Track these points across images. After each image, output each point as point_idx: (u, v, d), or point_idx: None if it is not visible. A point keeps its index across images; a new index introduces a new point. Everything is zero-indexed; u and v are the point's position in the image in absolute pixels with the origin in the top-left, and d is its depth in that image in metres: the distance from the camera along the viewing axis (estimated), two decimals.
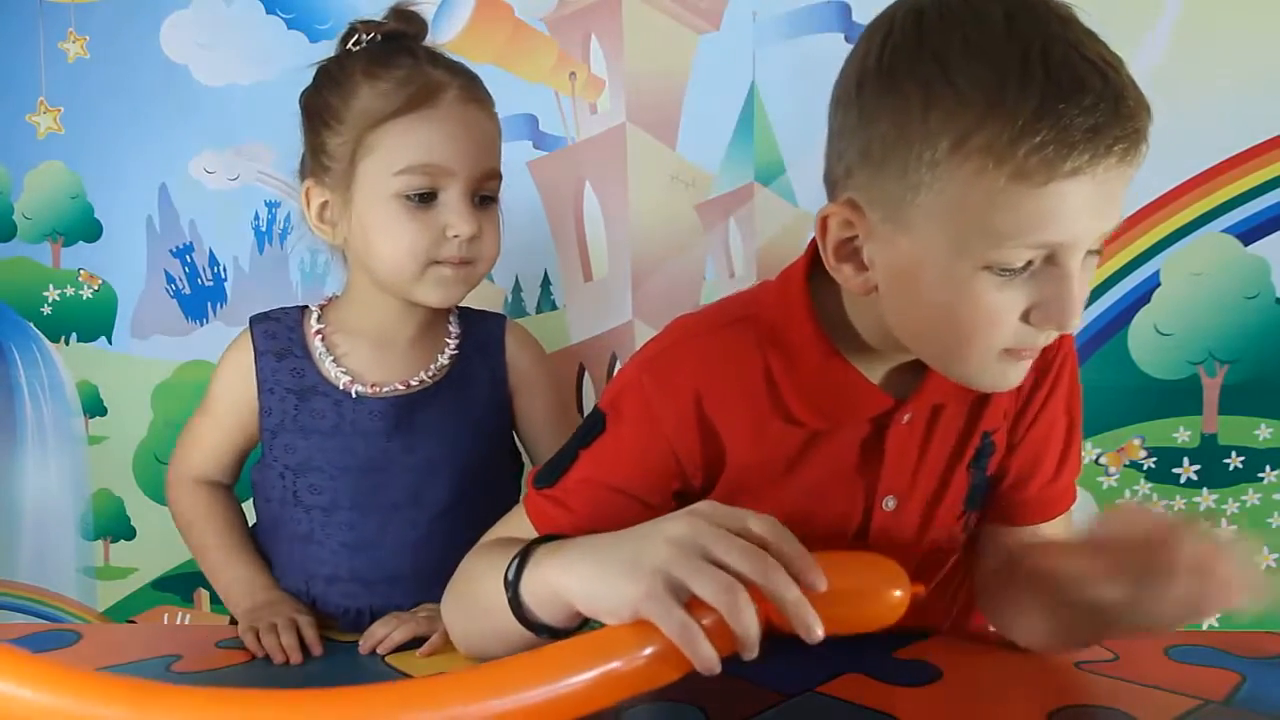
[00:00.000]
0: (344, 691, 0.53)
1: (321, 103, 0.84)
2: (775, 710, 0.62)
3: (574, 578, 0.57)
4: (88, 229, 1.29)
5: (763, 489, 0.71)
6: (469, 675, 0.54)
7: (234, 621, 0.87)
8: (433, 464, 0.87)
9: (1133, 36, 1.20)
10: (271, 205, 1.28)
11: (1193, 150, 1.21)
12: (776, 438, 0.70)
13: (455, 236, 0.82)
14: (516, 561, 0.60)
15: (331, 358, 0.88)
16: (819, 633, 0.51)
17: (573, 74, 1.24)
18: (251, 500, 0.95)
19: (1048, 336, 0.61)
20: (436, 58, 0.85)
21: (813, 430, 0.70)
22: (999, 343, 0.61)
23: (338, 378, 0.87)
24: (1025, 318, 0.60)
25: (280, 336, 0.89)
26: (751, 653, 0.52)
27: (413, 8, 0.86)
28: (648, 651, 0.52)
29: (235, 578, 0.88)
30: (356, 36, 0.85)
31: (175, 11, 1.25)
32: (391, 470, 0.87)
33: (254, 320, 0.91)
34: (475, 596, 0.68)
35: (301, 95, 0.88)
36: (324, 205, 0.86)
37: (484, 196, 0.85)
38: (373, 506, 0.87)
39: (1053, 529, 0.77)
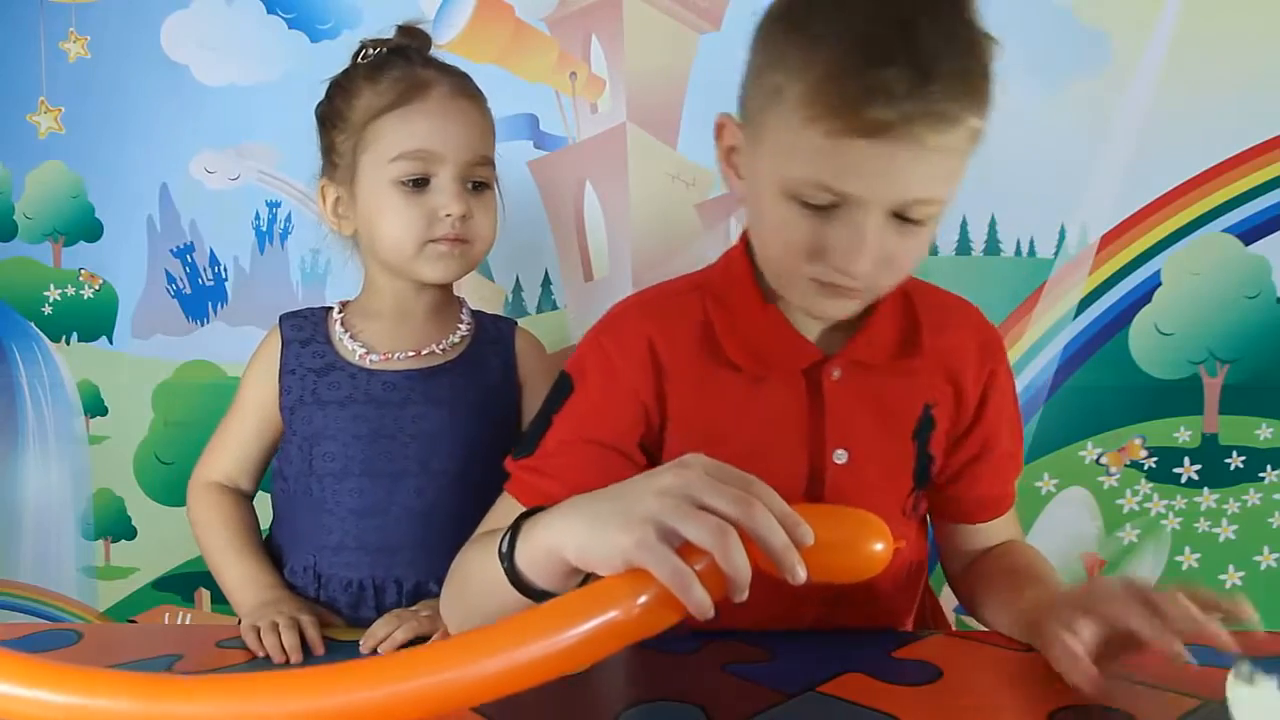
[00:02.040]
0: (341, 666, 0.53)
1: (331, 109, 0.92)
2: (775, 710, 0.62)
3: (567, 534, 0.58)
4: (88, 229, 1.30)
5: (712, 438, 0.74)
6: (469, 637, 0.54)
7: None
8: (441, 434, 0.91)
9: (1133, 36, 1.20)
10: (272, 205, 1.28)
11: (1193, 150, 1.21)
12: (719, 386, 0.76)
13: (447, 216, 0.88)
14: (509, 534, 0.62)
15: (349, 334, 0.94)
16: (802, 575, 0.53)
17: (573, 74, 1.24)
18: (271, 496, 0.97)
19: (845, 276, 0.68)
20: (430, 61, 0.92)
21: (752, 379, 0.76)
22: (804, 269, 0.69)
23: (354, 351, 0.92)
24: (823, 255, 0.67)
25: (306, 328, 0.95)
26: (742, 594, 0.53)
27: (418, 25, 0.94)
28: (642, 600, 0.53)
29: (241, 575, 0.90)
30: (364, 51, 0.92)
31: (176, 11, 1.25)
32: (400, 438, 0.91)
33: (283, 316, 0.97)
34: (472, 582, 0.70)
35: (316, 107, 0.94)
36: (337, 201, 0.93)
37: (477, 183, 0.91)
38: (382, 473, 0.90)
39: (1003, 527, 0.85)
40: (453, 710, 0.52)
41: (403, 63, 0.90)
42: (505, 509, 0.76)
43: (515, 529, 0.62)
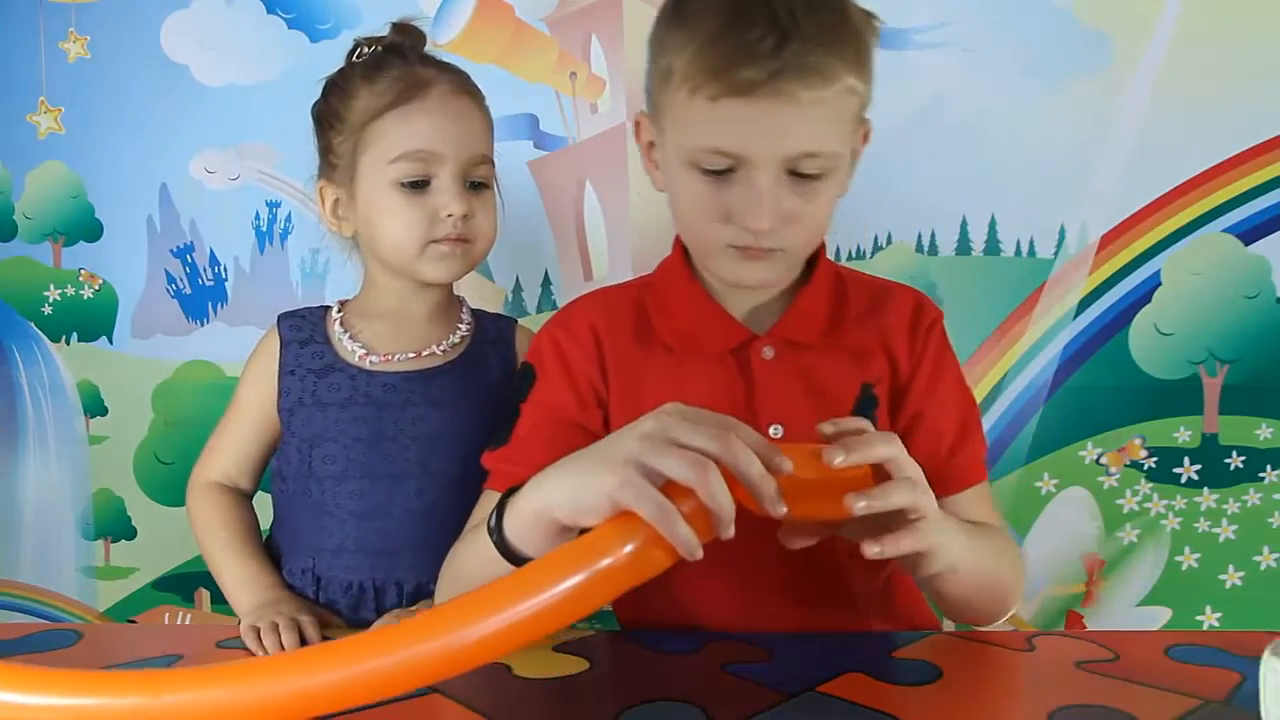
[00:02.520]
0: (345, 641, 0.53)
1: (328, 109, 0.92)
2: (775, 710, 0.62)
3: (553, 491, 0.60)
4: (88, 229, 1.30)
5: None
6: (467, 599, 0.54)
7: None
8: (441, 436, 0.91)
9: (1133, 36, 1.20)
10: (272, 205, 1.28)
11: (1193, 150, 1.21)
12: (654, 366, 0.81)
13: (449, 216, 0.88)
14: (495, 512, 0.64)
15: (348, 335, 0.93)
16: (782, 508, 0.55)
17: (573, 74, 1.24)
18: (271, 497, 0.97)
19: (756, 237, 0.73)
20: (427, 59, 0.92)
21: (685, 359, 0.80)
22: (718, 236, 0.75)
23: (354, 352, 0.92)
24: (730, 217, 0.73)
25: (304, 328, 0.95)
26: (728, 530, 0.55)
27: (411, 21, 0.94)
28: (630, 546, 0.54)
29: (240, 575, 0.89)
30: (359, 50, 0.92)
31: (175, 11, 1.25)
32: (401, 440, 0.91)
33: (281, 316, 0.97)
34: (465, 573, 0.72)
35: (312, 106, 0.94)
36: (336, 202, 0.93)
37: (476, 182, 0.91)
38: (382, 475, 0.90)
39: (962, 508, 0.80)
40: (459, 672, 0.52)
41: (400, 62, 0.89)
42: (488, 504, 0.77)
43: (501, 505, 0.64)
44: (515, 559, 0.63)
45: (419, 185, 0.88)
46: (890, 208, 1.24)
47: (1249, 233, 1.22)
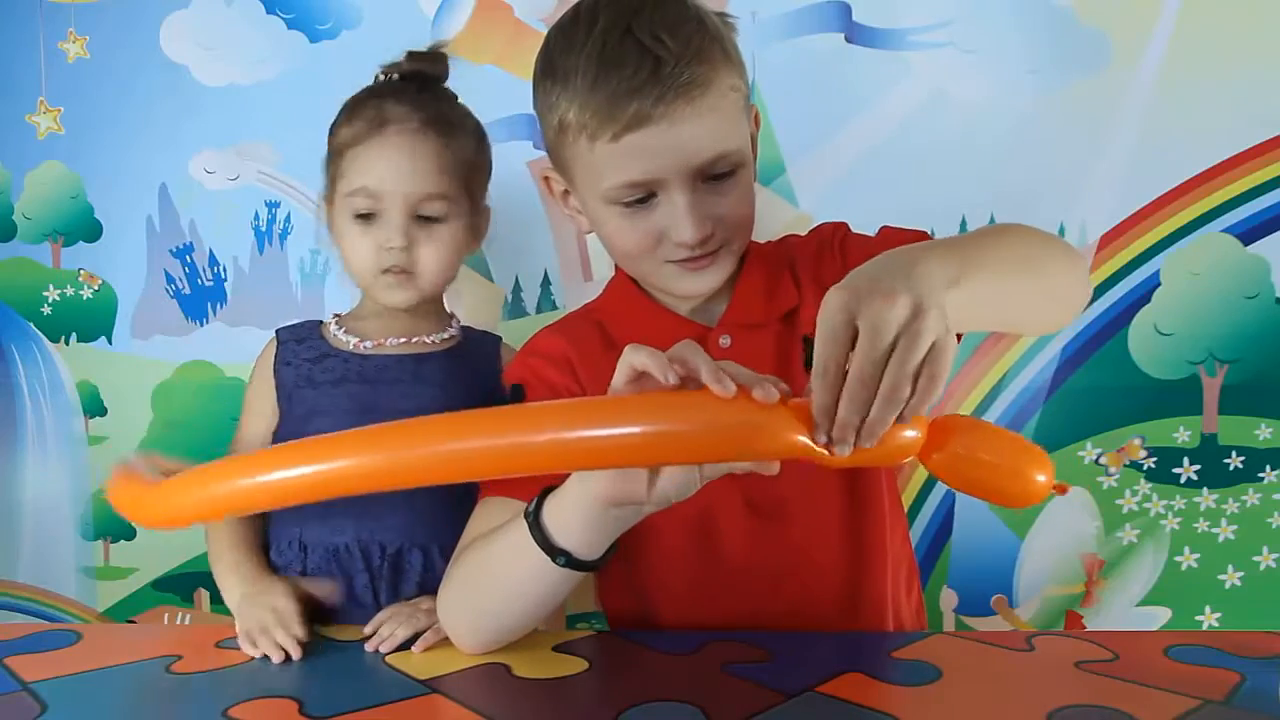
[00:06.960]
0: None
1: (330, 133, 0.98)
2: (775, 710, 0.62)
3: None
4: (88, 229, 1.30)
5: None
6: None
7: None
8: (431, 411, 0.94)
9: (1133, 36, 1.20)
10: (271, 205, 1.28)
11: (1193, 150, 1.21)
12: None
13: (390, 249, 0.93)
14: (535, 502, 0.67)
15: (344, 330, 0.99)
16: (732, 387, 0.55)
17: None
18: None
19: (691, 250, 0.77)
20: (425, 89, 0.96)
21: None
22: (656, 258, 0.78)
23: (348, 342, 0.98)
24: (662, 238, 0.77)
25: (300, 331, 1.01)
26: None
27: (439, 48, 0.99)
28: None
29: (230, 562, 0.92)
30: (377, 77, 0.98)
31: (175, 11, 1.25)
32: (391, 414, 0.93)
33: (279, 328, 1.02)
34: (481, 566, 0.73)
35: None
36: (329, 220, 0.99)
37: (426, 216, 0.94)
38: None
39: None
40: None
41: (376, 101, 0.93)
42: (487, 513, 0.79)
43: (540, 498, 0.67)
44: (552, 550, 0.65)
45: (368, 217, 0.93)
46: (890, 208, 1.24)
47: (1248, 233, 1.22)
